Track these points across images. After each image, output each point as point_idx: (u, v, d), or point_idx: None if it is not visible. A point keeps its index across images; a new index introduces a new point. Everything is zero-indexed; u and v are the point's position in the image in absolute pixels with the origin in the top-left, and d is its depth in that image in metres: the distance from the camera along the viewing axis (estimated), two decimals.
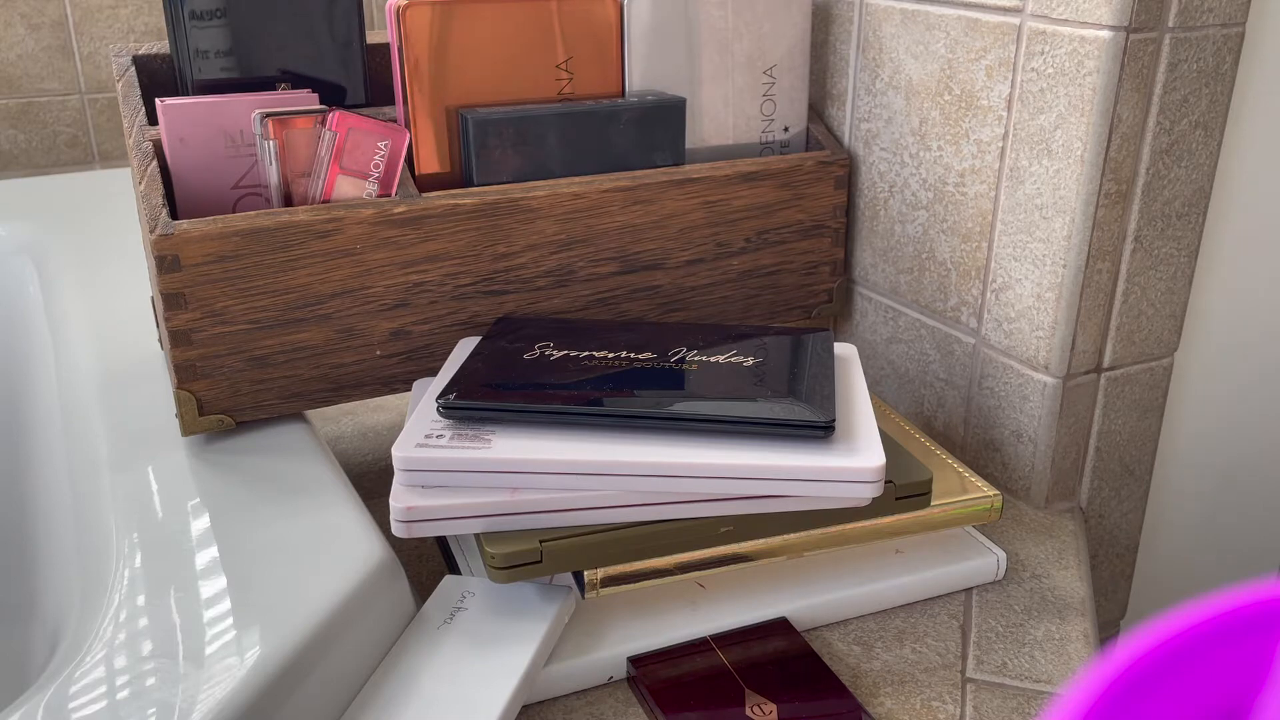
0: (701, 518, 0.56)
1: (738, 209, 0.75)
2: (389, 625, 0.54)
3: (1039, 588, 0.64)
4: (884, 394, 0.83)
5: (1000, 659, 0.58)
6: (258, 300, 0.63)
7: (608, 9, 0.72)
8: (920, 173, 0.75)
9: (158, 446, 0.65)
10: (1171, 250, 0.68)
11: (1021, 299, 0.69)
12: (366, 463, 0.78)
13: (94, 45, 1.30)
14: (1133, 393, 0.72)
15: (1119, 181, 0.64)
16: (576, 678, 0.55)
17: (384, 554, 0.55)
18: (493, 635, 0.54)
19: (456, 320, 0.69)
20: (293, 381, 0.66)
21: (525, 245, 0.69)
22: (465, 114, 0.69)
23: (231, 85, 0.71)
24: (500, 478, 0.54)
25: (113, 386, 0.73)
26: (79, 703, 0.44)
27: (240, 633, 0.48)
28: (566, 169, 0.71)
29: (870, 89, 0.78)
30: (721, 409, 0.55)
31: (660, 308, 0.75)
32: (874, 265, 0.81)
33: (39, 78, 1.28)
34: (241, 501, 0.59)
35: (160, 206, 0.62)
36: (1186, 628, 0.24)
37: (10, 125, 1.28)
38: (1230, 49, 0.64)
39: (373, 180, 0.66)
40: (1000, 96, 0.67)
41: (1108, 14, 0.60)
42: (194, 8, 0.69)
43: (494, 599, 0.56)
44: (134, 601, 0.51)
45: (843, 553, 0.63)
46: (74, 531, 0.62)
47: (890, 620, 0.61)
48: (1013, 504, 0.72)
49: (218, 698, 0.44)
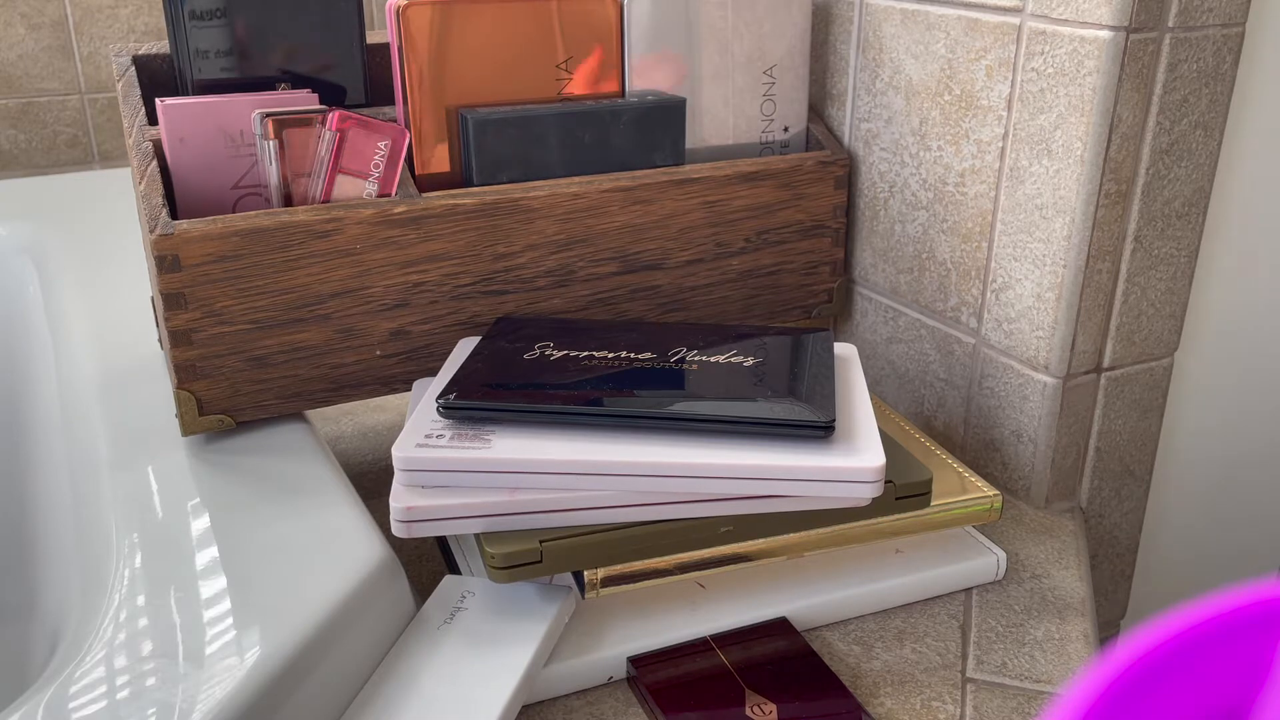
0: (701, 518, 0.56)
1: (738, 209, 0.75)
2: (389, 625, 0.54)
3: (1039, 588, 0.64)
4: (884, 394, 0.83)
5: (1000, 659, 0.58)
6: (258, 300, 0.63)
7: (608, 9, 0.72)
8: (920, 173, 0.75)
9: (158, 446, 0.65)
10: (1171, 250, 0.68)
11: (1021, 299, 0.69)
12: (366, 463, 0.78)
13: (94, 45, 1.30)
14: (1133, 393, 0.72)
15: (1119, 181, 0.64)
16: (576, 678, 0.55)
17: (384, 554, 0.55)
18: (493, 635, 0.54)
19: (456, 320, 0.69)
20: (293, 381, 0.66)
21: (525, 245, 0.69)
22: (465, 114, 0.69)
23: (231, 85, 0.71)
24: (500, 478, 0.54)
25: (113, 386, 0.73)
26: (79, 703, 0.44)
27: (240, 633, 0.48)
28: (566, 169, 0.71)
29: (870, 89, 0.78)
30: (721, 409, 0.55)
31: (660, 308, 0.75)
32: (874, 265, 0.81)
33: (39, 78, 1.28)
34: (241, 501, 0.59)
35: (160, 206, 0.62)
36: (1186, 628, 0.24)
37: (10, 125, 1.28)
38: (1230, 49, 0.64)
39: (373, 180, 0.66)
40: (1000, 96, 0.67)
41: (1108, 14, 0.60)
42: (194, 8, 0.69)
43: (494, 599, 0.56)
44: (134, 601, 0.51)
45: (843, 553, 0.63)
46: (74, 531, 0.62)
47: (890, 620, 0.61)
48: (1013, 504, 0.72)
49: (218, 698, 0.44)
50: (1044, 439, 0.70)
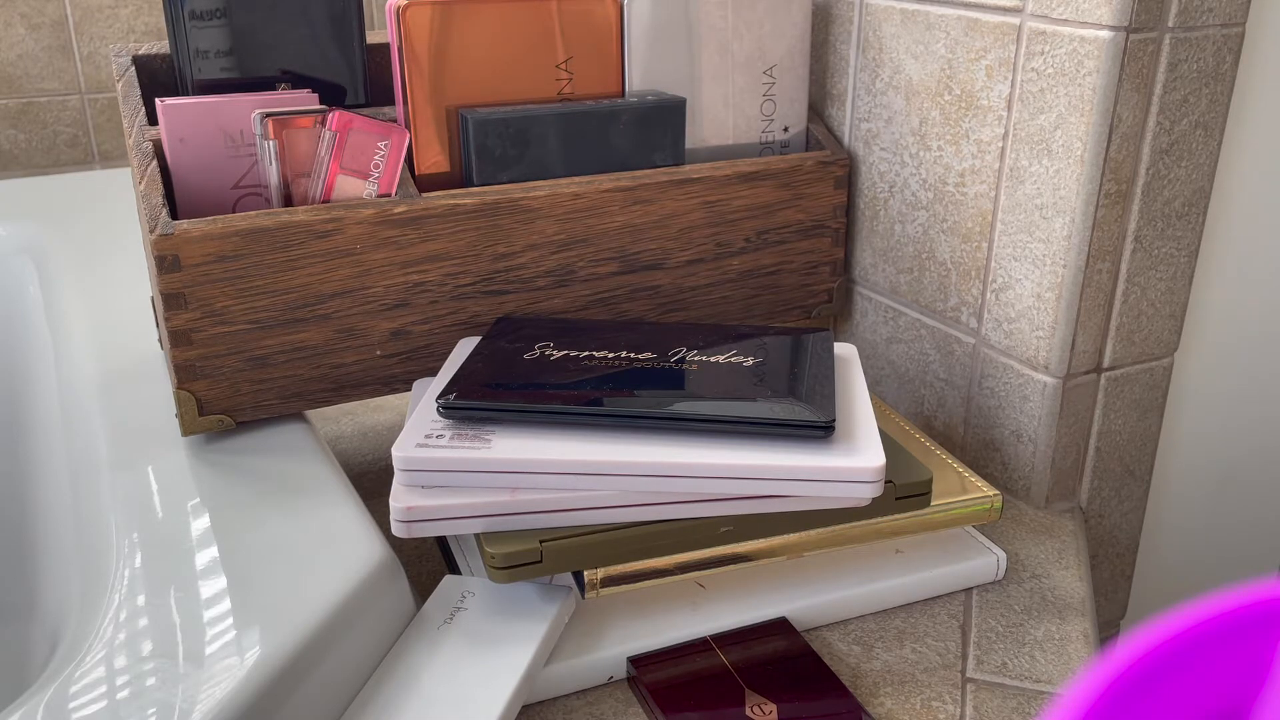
0: (701, 518, 0.56)
1: (738, 209, 0.75)
2: (389, 625, 0.54)
3: (1039, 588, 0.64)
4: (884, 394, 0.83)
5: (1000, 659, 0.58)
6: (258, 300, 0.63)
7: (608, 9, 0.72)
8: (920, 173, 0.75)
9: (158, 446, 0.65)
10: (1171, 250, 0.68)
11: (1021, 299, 0.69)
12: (366, 463, 0.78)
13: (94, 45, 1.30)
14: (1133, 393, 0.72)
15: (1119, 181, 0.64)
16: (576, 678, 0.55)
17: (384, 554, 0.55)
18: (492, 635, 0.54)
19: (456, 320, 0.69)
20: (293, 381, 0.66)
21: (525, 245, 0.69)
22: (465, 114, 0.69)
23: (231, 85, 0.71)
24: (500, 478, 0.54)
25: (113, 386, 0.73)
26: (79, 703, 0.44)
27: (240, 633, 0.48)
28: (566, 169, 0.71)
29: (870, 89, 0.78)
30: (721, 409, 0.55)
31: (660, 308, 0.75)
32: (874, 265, 0.81)
33: (39, 78, 1.28)
34: (241, 501, 0.59)
35: (160, 206, 0.62)
36: (1186, 628, 0.24)
37: (10, 125, 1.28)
38: (1230, 49, 0.64)
39: (373, 180, 0.66)
40: (1000, 96, 0.67)
41: (1108, 14, 0.60)
42: (194, 8, 0.69)
43: (494, 599, 0.56)
44: (134, 601, 0.51)
45: (843, 553, 0.63)
46: (74, 531, 0.62)
47: (890, 620, 0.61)
48: (1013, 504, 0.72)
49: (218, 698, 0.44)
50: (1044, 439, 0.70)
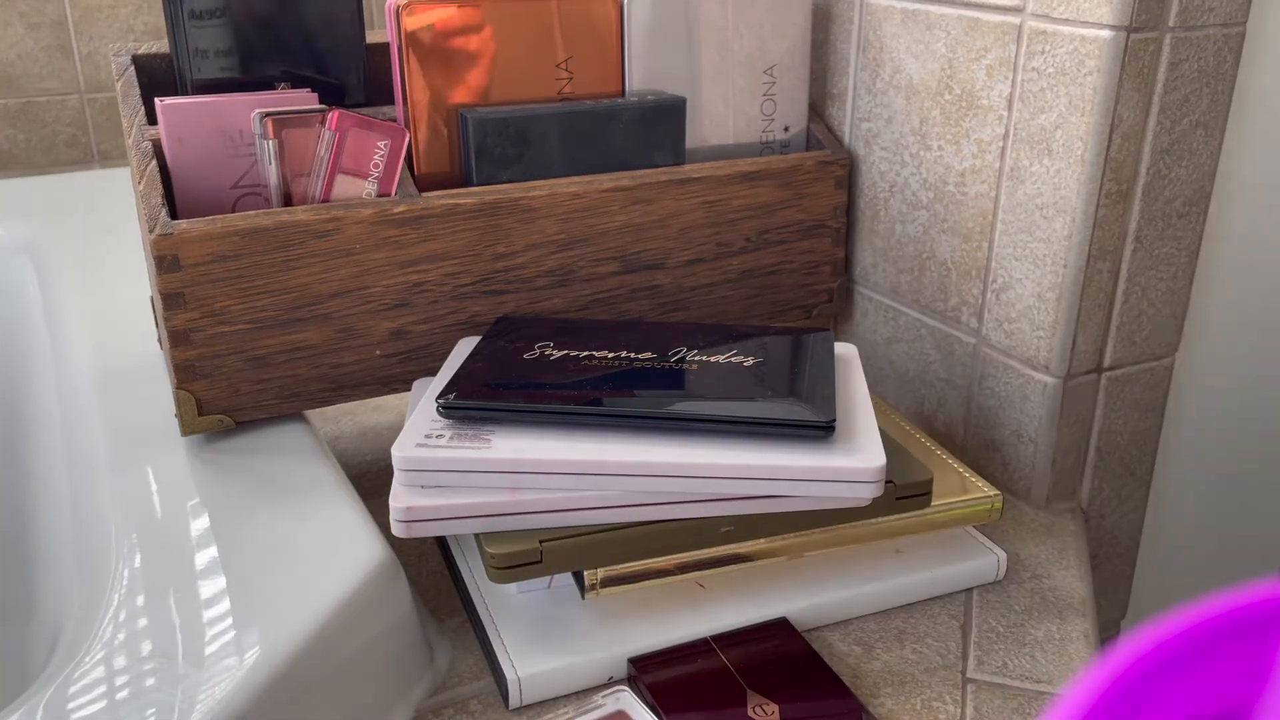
0: (701, 518, 0.56)
1: (738, 209, 0.75)
2: (389, 625, 0.54)
3: (1039, 588, 0.64)
4: (884, 394, 0.83)
5: (1001, 659, 0.58)
6: (257, 300, 0.63)
7: (608, 9, 0.72)
8: (920, 172, 0.75)
9: (157, 446, 0.65)
10: (1172, 250, 0.68)
11: (1022, 299, 0.69)
12: (366, 463, 0.78)
13: (94, 45, 1.30)
14: (1133, 393, 0.72)
15: (1119, 181, 0.64)
16: (576, 678, 0.55)
17: (384, 554, 0.55)
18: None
19: (456, 320, 0.69)
20: (292, 381, 0.66)
21: (525, 245, 0.69)
22: (465, 114, 0.69)
23: (231, 85, 0.71)
24: (500, 478, 0.54)
25: (112, 386, 0.73)
26: (79, 703, 0.44)
27: (239, 633, 0.48)
28: (566, 169, 0.71)
29: (870, 88, 0.78)
30: (721, 409, 0.55)
31: (660, 308, 0.75)
32: (874, 265, 0.81)
33: (39, 77, 1.28)
34: (241, 501, 0.59)
35: (160, 206, 0.62)
36: (1186, 628, 0.24)
37: (10, 125, 1.28)
38: (1230, 49, 0.64)
39: (372, 180, 0.66)
40: (1001, 96, 0.67)
41: (1108, 14, 0.60)
42: (194, 7, 0.69)
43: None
44: (134, 601, 0.51)
45: (843, 553, 0.63)
46: (74, 531, 0.62)
47: (891, 620, 0.61)
48: (1013, 504, 0.72)
49: (218, 698, 0.44)
50: (1044, 439, 0.70)
